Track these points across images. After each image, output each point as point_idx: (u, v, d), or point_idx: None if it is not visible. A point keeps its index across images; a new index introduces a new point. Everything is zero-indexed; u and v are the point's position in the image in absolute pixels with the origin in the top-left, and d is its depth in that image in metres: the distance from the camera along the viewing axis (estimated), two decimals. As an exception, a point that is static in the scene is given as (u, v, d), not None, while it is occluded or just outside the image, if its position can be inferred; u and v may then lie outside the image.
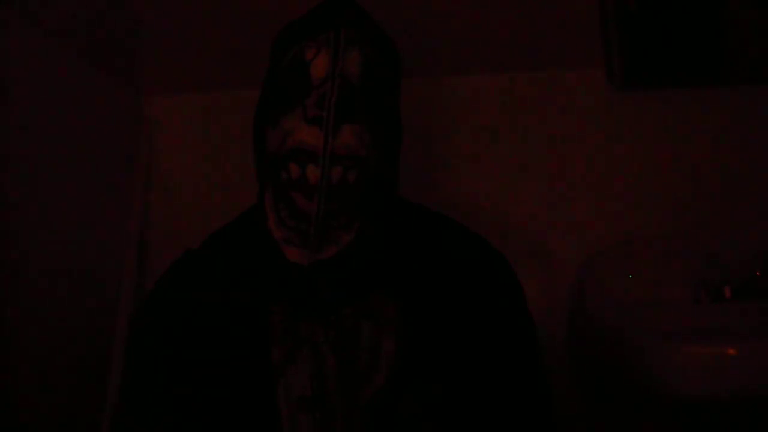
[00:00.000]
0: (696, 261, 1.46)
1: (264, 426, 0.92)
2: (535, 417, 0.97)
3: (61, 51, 1.26)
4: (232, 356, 0.94)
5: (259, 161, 1.01)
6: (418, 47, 1.00)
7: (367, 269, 0.96)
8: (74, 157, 1.29)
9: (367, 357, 0.93)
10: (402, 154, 1.02)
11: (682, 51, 1.51)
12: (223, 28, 1.55)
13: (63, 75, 1.26)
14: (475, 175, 1.54)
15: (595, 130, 1.53)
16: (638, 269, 1.47)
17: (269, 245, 0.97)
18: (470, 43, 1.54)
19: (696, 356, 1.19)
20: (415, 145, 1.04)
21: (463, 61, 1.55)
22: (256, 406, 0.92)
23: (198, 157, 1.57)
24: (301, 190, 0.92)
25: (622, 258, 1.49)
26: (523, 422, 0.96)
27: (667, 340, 1.25)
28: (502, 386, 0.95)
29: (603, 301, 1.43)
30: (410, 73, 1.06)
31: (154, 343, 0.98)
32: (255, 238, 0.99)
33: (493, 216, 1.48)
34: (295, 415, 0.92)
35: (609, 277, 1.47)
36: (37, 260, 1.17)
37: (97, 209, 1.37)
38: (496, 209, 1.52)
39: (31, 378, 1.14)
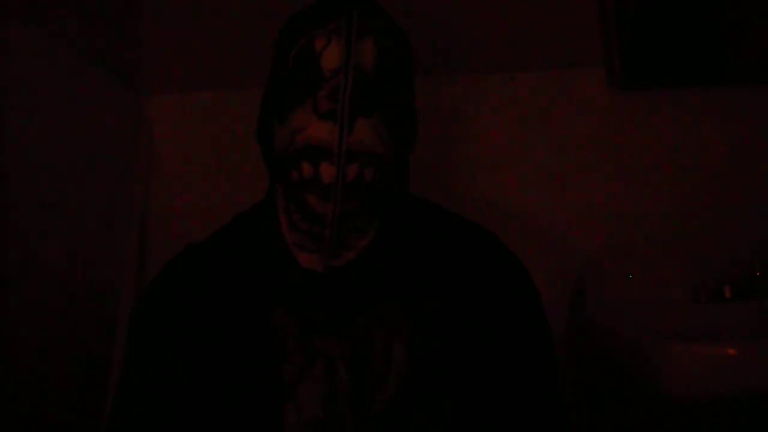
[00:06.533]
0: (696, 261, 1.47)
1: None
2: (549, 428, 0.92)
3: (61, 51, 1.26)
4: (238, 372, 0.87)
5: (268, 160, 0.95)
6: (416, 48, 0.99)
7: (382, 275, 0.90)
8: (74, 156, 1.29)
9: (378, 366, 0.87)
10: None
11: (682, 51, 1.51)
12: (223, 28, 1.55)
13: (63, 75, 1.26)
14: (473, 174, 1.54)
15: (595, 130, 1.53)
16: (638, 269, 1.47)
17: (280, 250, 0.91)
18: (470, 43, 1.54)
19: (696, 356, 1.19)
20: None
21: (462, 61, 1.54)
22: (261, 428, 0.86)
23: (198, 157, 1.56)
24: (315, 191, 0.85)
25: (622, 258, 1.49)
26: None
27: (667, 340, 1.25)
28: (516, 397, 0.90)
29: (603, 301, 1.43)
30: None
31: (154, 345, 0.92)
32: (264, 241, 0.93)
33: (491, 215, 1.47)
34: None
35: (609, 277, 1.47)
36: (37, 259, 1.17)
37: (96, 209, 1.37)
38: (494, 208, 1.52)
39: (31, 378, 1.14)
